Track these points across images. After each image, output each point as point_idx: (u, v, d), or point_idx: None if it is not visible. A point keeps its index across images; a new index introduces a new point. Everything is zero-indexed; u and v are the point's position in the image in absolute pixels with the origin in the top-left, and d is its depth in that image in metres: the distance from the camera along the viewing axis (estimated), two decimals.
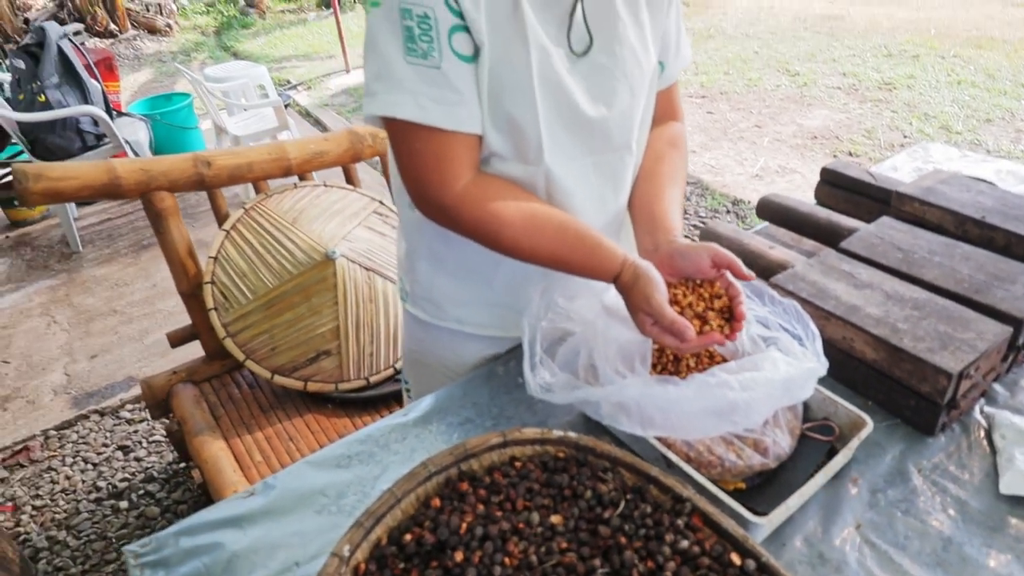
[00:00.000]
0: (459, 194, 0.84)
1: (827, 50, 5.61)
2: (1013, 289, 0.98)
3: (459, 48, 0.79)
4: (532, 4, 0.81)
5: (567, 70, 0.85)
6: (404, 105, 0.78)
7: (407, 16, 0.76)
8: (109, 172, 1.61)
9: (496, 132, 0.86)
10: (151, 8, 8.06)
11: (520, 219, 0.85)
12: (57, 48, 3.05)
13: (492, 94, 0.83)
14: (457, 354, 1.08)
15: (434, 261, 1.01)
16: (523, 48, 0.81)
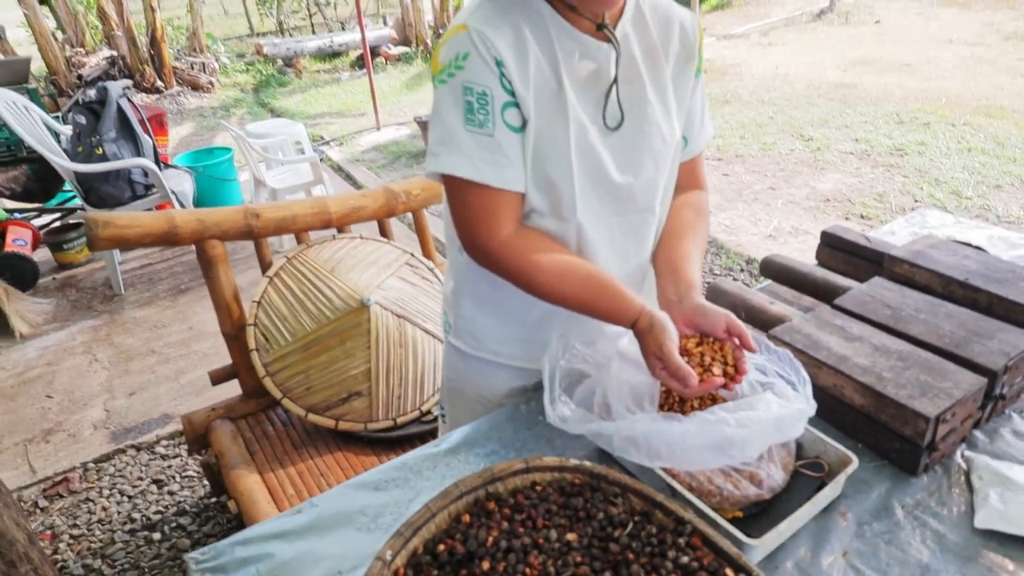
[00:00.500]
0: (503, 243, 0.98)
1: (840, 116, 5.79)
2: (990, 344, 1.08)
3: (510, 120, 0.94)
4: (573, 86, 0.96)
5: (600, 142, 1.00)
6: (461, 165, 0.93)
7: (468, 93, 0.92)
8: (169, 222, 1.77)
9: (536, 191, 1.00)
10: (195, 66, 8.53)
11: (554, 268, 0.98)
12: (117, 105, 3.30)
13: (535, 159, 0.97)
14: (490, 383, 1.20)
15: (477, 299, 1.14)
16: (564, 122, 0.96)
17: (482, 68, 0.91)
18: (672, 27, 1.04)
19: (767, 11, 11.15)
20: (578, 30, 0.96)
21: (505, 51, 0.91)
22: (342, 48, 9.93)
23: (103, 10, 7.70)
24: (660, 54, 1.03)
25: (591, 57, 0.97)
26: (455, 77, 0.92)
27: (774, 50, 8.51)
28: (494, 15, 0.93)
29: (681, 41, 1.05)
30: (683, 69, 1.07)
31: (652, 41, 1.02)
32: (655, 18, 1.03)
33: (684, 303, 0.99)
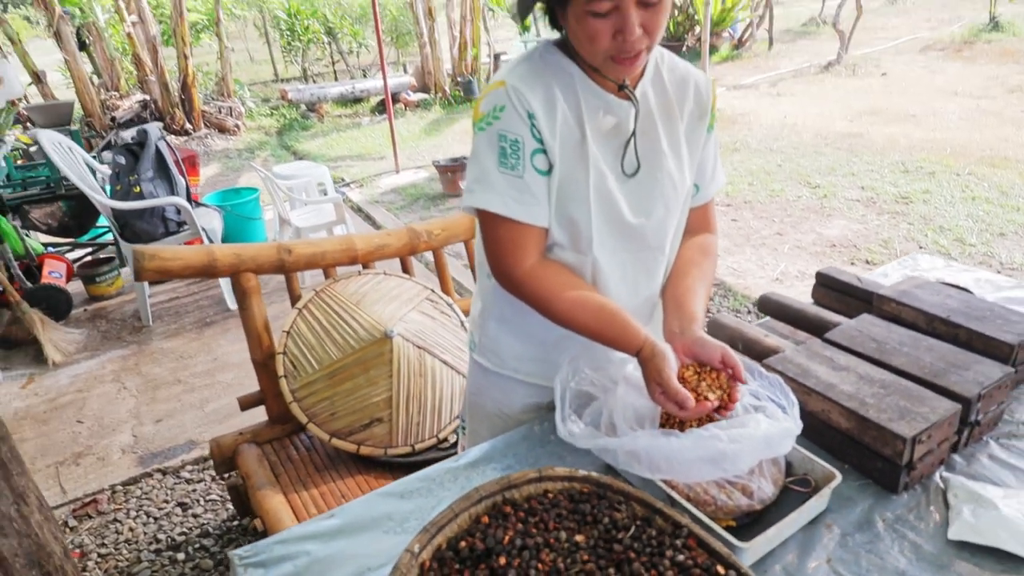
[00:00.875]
0: (527, 271, 1.11)
1: (847, 165, 5.94)
2: (966, 375, 1.18)
3: (538, 165, 1.08)
4: (595, 137, 1.10)
5: (617, 187, 1.13)
6: (494, 202, 1.07)
7: (503, 140, 1.06)
8: (209, 255, 1.91)
9: (559, 227, 1.14)
10: (222, 110, 8.88)
11: (569, 297, 1.10)
12: (155, 147, 3.51)
13: (559, 199, 1.11)
14: (508, 397, 1.31)
15: (502, 321, 1.27)
16: (584, 169, 1.10)
17: (516, 119, 1.05)
18: (687, 87, 1.18)
19: (776, 63, 11.45)
20: (602, 89, 1.10)
21: (536, 106, 1.06)
22: (363, 94, 10.28)
23: (138, 56, 8.08)
24: (675, 111, 1.17)
25: (613, 112, 1.11)
26: (492, 126, 1.07)
27: (783, 100, 8.74)
28: (529, 74, 1.07)
29: (695, 100, 1.19)
30: (696, 125, 1.20)
31: (668, 99, 1.16)
32: (672, 79, 1.17)
33: (685, 335, 1.10)
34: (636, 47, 0.99)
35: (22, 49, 7.66)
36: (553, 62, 1.10)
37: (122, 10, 7.83)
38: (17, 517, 1.70)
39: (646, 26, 0.98)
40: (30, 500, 1.77)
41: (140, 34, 7.94)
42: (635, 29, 0.97)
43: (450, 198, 5.72)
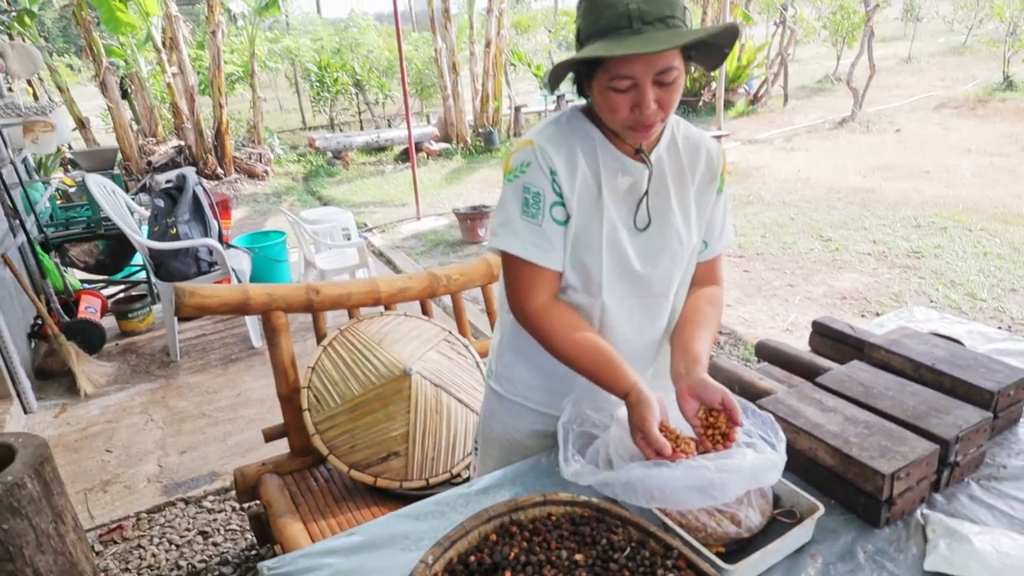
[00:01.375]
0: (537, 308, 1.24)
1: (859, 219, 6.04)
2: (946, 419, 1.26)
3: (556, 216, 1.22)
4: (611, 195, 1.24)
5: (629, 240, 1.26)
6: (515, 245, 1.22)
7: (526, 192, 1.21)
8: (243, 294, 2.05)
9: (573, 271, 1.27)
10: (252, 156, 9.23)
11: (571, 336, 1.22)
12: (192, 192, 3.71)
13: (574, 247, 1.25)
14: (517, 422, 1.43)
15: (517, 353, 1.39)
16: (599, 222, 1.23)
17: (539, 175, 1.20)
18: (699, 154, 1.32)
19: (791, 119, 11.69)
20: (621, 152, 1.24)
21: (559, 164, 1.20)
22: (388, 143, 10.64)
23: (176, 105, 8.49)
24: (687, 174, 1.30)
25: (629, 173, 1.25)
26: (519, 179, 1.22)
27: (797, 155, 8.91)
28: (556, 136, 1.23)
29: (707, 165, 1.33)
30: (706, 188, 1.34)
31: (681, 163, 1.30)
32: (686, 145, 1.31)
33: (690, 376, 1.20)
34: (651, 119, 1.12)
35: (69, 96, 8.10)
36: (578, 126, 1.24)
37: (164, 62, 8.27)
38: (55, 535, 1.81)
39: (660, 101, 1.12)
40: (67, 520, 1.88)
41: (179, 84, 8.36)
42: (651, 104, 1.10)
43: (468, 245, 5.89)
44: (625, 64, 1.08)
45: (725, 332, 3.97)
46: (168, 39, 8.16)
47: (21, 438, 1.82)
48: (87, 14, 7.44)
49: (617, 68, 1.08)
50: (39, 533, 1.74)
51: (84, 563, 1.90)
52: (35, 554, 1.73)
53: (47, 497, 1.78)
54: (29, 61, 3.45)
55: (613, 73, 1.09)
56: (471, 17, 10.18)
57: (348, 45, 12.36)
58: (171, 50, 8.21)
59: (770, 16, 14.33)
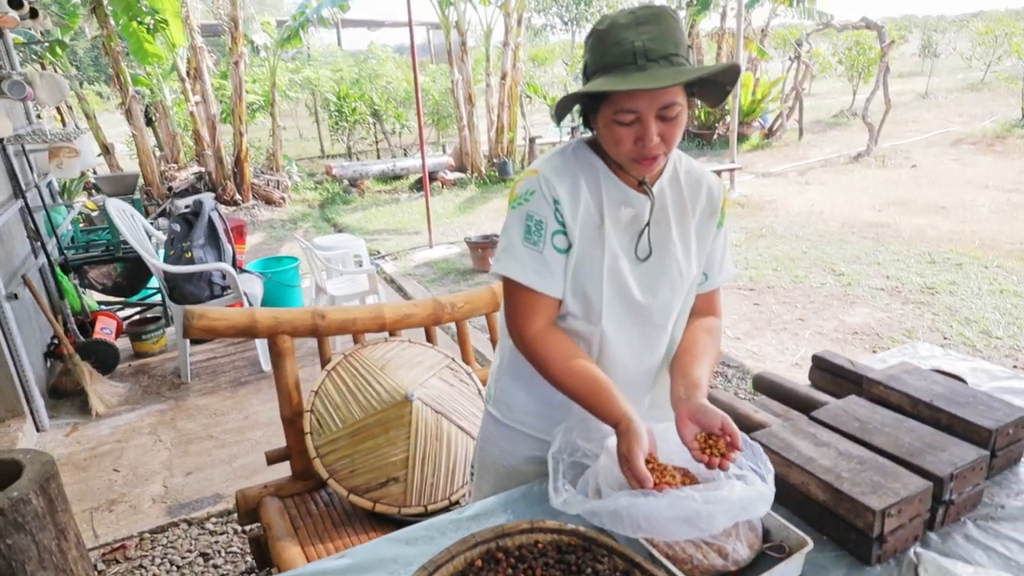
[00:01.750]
0: (534, 333, 1.26)
1: (872, 254, 6.01)
2: (941, 455, 1.25)
3: (557, 244, 1.25)
4: (613, 225, 1.27)
5: (629, 269, 1.29)
6: (515, 270, 1.25)
7: (529, 219, 1.24)
8: (250, 317, 2.09)
9: (574, 299, 1.29)
10: (270, 183, 9.40)
11: (564, 363, 1.24)
12: (208, 217, 3.80)
13: (575, 275, 1.27)
14: (513, 447, 1.44)
15: (516, 378, 1.41)
16: (600, 251, 1.26)
17: (543, 204, 1.24)
18: (701, 188, 1.35)
19: (806, 152, 11.72)
20: (624, 183, 1.27)
21: (562, 194, 1.24)
22: (403, 172, 10.78)
23: (198, 132, 8.70)
24: (688, 207, 1.34)
25: (631, 204, 1.28)
26: (522, 206, 1.25)
27: (811, 189, 8.91)
28: (560, 166, 1.26)
29: (707, 200, 1.36)
30: (707, 221, 1.37)
31: (682, 196, 1.33)
32: (688, 180, 1.34)
33: (690, 401, 1.21)
34: (654, 152, 1.16)
35: (95, 123, 8.33)
36: (583, 157, 1.28)
37: (188, 91, 8.49)
38: (57, 551, 1.83)
39: (663, 135, 1.15)
40: (69, 537, 1.90)
41: (202, 112, 8.57)
42: (653, 138, 1.14)
43: (479, 273, 5.93)
44: (629, 99, 1.12)
45: (733, 365, 3.95)
46: (192, 69, 8.39)
47: (29, 454, 1.85)
48: (116, 44, 7.69)
49: (621, 102, 1.12)
50: (41, 549, 1.76)
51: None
52: (37, 570, 1.74)
53: (51, 514, 1.80)
54: (56, 90, 3.58)
55: (618, 107, 1.13)
56: (488, 50, 10.38)
57: (367, 76, 12.64)
58: (195, 80, 8.44)
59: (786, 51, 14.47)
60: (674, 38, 1.11)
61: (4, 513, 1.71)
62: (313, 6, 8.69)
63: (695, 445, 1.17)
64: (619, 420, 1.17)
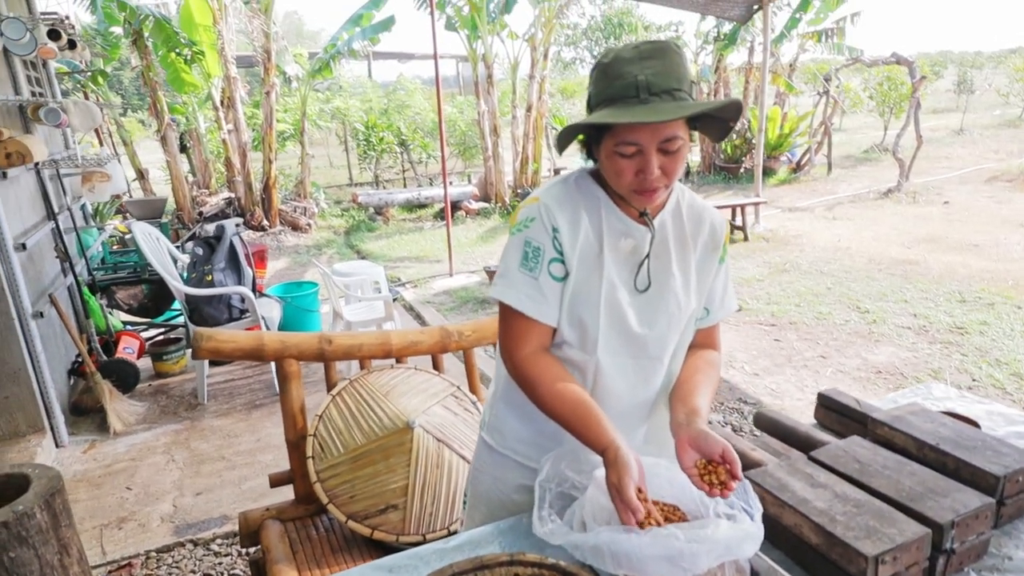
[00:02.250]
0: (524, 357, 1.26)
1: (899, 291, 5.89)
2: (943, 501, 1.21)
3: (554, 272, 1.25)
4: (612, 255, 1.27)
5: (628, 300, 1.28)
6: (509, 295, 1.25)
7: (527, 246, 1.25)
8: (257, 340, 2.11)
9: (569, 327, 1.28)
10: (297, 209, 9.59)
11: (553, 386, 1.23)
12: (230, 242, 3.88)
13: (572, 303, 1.27)
14: (505, 475, 1.42)
15: (509, 404, 1.40)
16: (598, 280, 1.26)
17: (541, 231, 1.25)
18: (703, 224, 1.35)
19: (834, 187, 11.60)
20: (625, 215, 1.28)
21: (562, 222, 1.25)
22: (428, 200, 10.92)
23: (229, 159, 8.94)
24: (689, 241, 1.34)
25: (632, 235, 1.28)
26: (522, 232, 1.26)
27: (838, 224, 8.80)
28: (561, 195, 1.28)
29: (710, 235, 1.36)
30: (708, 256, 1.36)
31: (683, 230, 1.33)
32: (690, 214, 1.35)
33: (690, 427, 1.20)
34: (655, 184, 1.17)
35: (132, 149, 8.61)
36: (585, 187, 1.29)
37: (221, 119, 8.76)
38: (59, 566, 1.85)
39: (664, 168, 1.16)
40: (72, 552, 1.92)
41: (234, 140, 8.82)
42: (654, 170, 1.15)
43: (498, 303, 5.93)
44: (631, 131, 1.13)
45: (749, 401, 3.88)
46: (226, 98, 8.66)
47: (37, 469, 1.88)
48: (155, 74, 7.98)
49: (623, 135, 1.14)
50: (43, 563, 1.78)
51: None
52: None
53: (55, 529, 1.83)
54: (89, 117, 3.72)
55: (619, 139, 1.14)
56: (514, 82, 10.54)
57: (395, 107, 12.90)
58: (228, 108, 8.70)
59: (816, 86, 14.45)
60: (677, 73, 1.12)
61: (8, 526, 1.74)
62: (344, 39, 8.95)
63: (694, 472, 1.15)
64: (607, 447, 1.15)
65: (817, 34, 12.53)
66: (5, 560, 1.73)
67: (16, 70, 3.71)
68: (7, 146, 3.05)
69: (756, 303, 5.74)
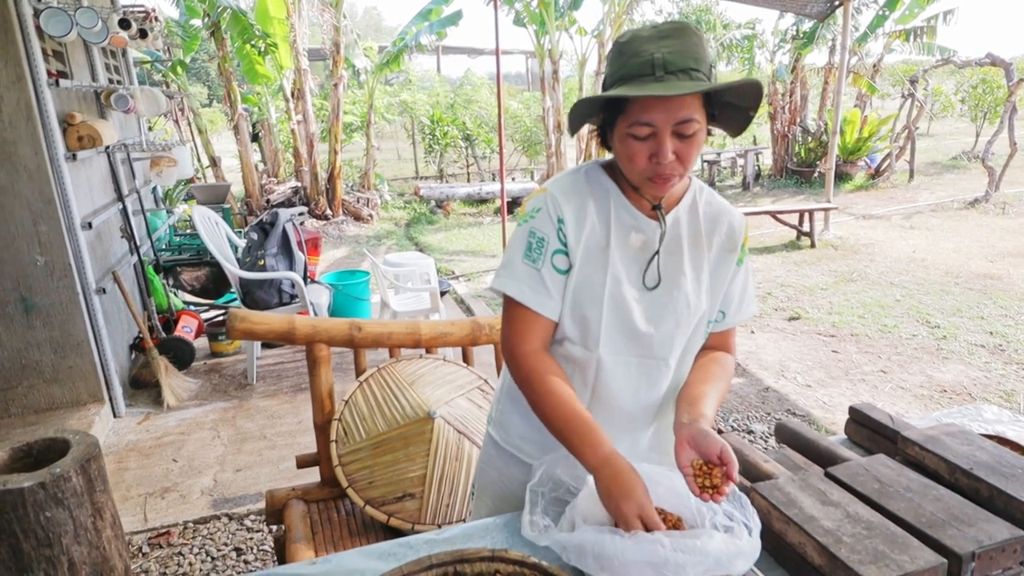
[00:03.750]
0: (524, 353, 1.23)
1: (976, 307, 5.53)
2: (967, 531, 1.11)
3: (557, 264, 1.23)
4: (620, 249, 1.23)
5: (635, 297, 1.24)
6: (511, 287, 1.22)
7: (532, 236, 1.23)
8: (289, 324, 2.16)
9: (571, 322, 1.25)
10: (360, 200, 9.81)
11: (547, 391, 1.19)
12: (282, 228, 4.00)
13: (574, 297, 1.23)
14: (509, 473, 1.40)
15: (514, 400, 1.38)
16: (603, 275, 1.22)
17: (547, 222, 1.22)
18: (720, 223, 1.30)
19: (915, 196, 11.01)
20: (636, 208, 1.24)
21: (567, 213, 1.22)
22: (488, 196, 10.97)
23: (297, 150, 9.22)
24: (703, 240, 1.28)
25: (641, 230, 1.24)
26: (528, 223, 1.24)
27: (915, 234, 8.34)
28: (569, 186, 1.25)
29: (727, 235, 1.30)
30: (725, 257, 1.30)
31: (699, 228, 1.28)
32: (707, 212, 1.30)
33: (692, 426, 1.15)
34: (669, 170, 1.12)
35: (206, 138, 9.00)
36: (595, 179, 1.26)
37: (291, 110, 9.04)
38: (92, 529, 1.94)
39: (679, 154, 1.12)
40: (105, 516, 2.01)
41: (302, 131, 9.10)
42: (668, 154, 1.10)
43: None
44: (644, 110, 1.09)
45: (799, 413, 3.72)
46: (297, 90, 8.93)
47: (77, 435, 1.99)
48: (230, 66, 8.31)
49: (637, 114, 1.10)
50: (78, 525, 1.86)
51: (116, 559, 2.01)
52: (72, 544, 1.85)
53: (89, 493, 1.91)
54: (154, 103, 3.91)
55: (633, 119, 1.10)
56: (581, 79, 10.45)
57: (461, 102, 13.02)
58: (298, 100, 8.97)
59: (903, 88, 13.72)
60: (695, 53, 1.08)
61: (45, 487, 1.84)
62: (413, 33, 9.08)
63: (689, 471, 1.10)
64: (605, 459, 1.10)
65: (905, 33, 11.92)
66: (42, 519, 1.83)
67: (94, 58, 3.94)
68: (79, 130, 3.24)
69: (816, 312, 5.50)
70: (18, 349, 3.32)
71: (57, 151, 3.15)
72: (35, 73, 3.03)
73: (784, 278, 6.55)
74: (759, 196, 11.68)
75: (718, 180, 13.24)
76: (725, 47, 13.88)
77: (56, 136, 3.15)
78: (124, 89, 3.74)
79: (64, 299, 3.30)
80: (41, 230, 3.18)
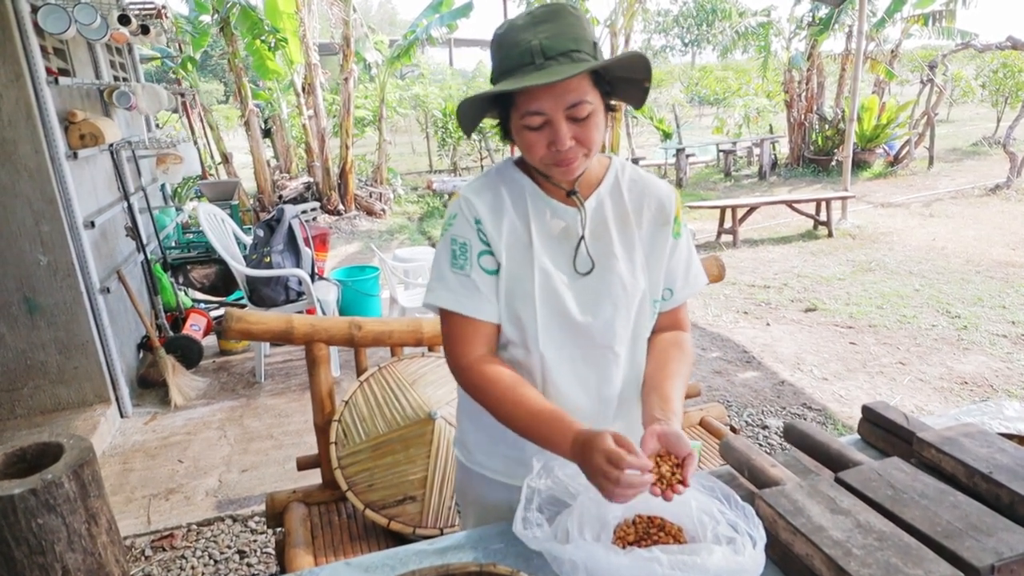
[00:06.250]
0: (470, 362, 1.19)
1: (998, 296, 5.39)
2: (985, 541, 1.04)
3: (485, 264, 1.18)
4: (542, 239, 1.19)
5: (567, 286, 1.20)
6: (445, 298, 1.18)
7: (454, 243, 1.19)
8: (287, 323, 2.12)
9: (509, 324, 1.21)
10: (373, 195, 9.78)
11: (502, 395, 1.14)
12: (288, 225, 3.97)
13: (507, 298, 1.20)
14: (480, 492, 1.35)
15: (471, 415, 1.32)
16: (530, 269, 1.18)
17: (465, 225, 1.19)
18: (647, 199, 1.26)
19: (935, 183, 10.79)
20: (551, 196, 1.21)
21: (483, 212, 1.18)
22: None
23: (309, 145, 9.21)
24: (631, 219, 1.24)
25: (560, 217, 1.21)
26: (448, 232, 1.20)
27: (935, 222, 8.16)
28: (481, 187, 1.22)
29: (657, 209, 1.26)
30: (657, 232, 1.26)
31: (624, 208, 1.24)
32: (632, 189, 1.26)
33: (664, 424, 1.09)
34: (570, 155, 1.10)
35: (217, 135, 9.01)
36: (507, 175, 1.23)
37: (301, 105, 9.02)
38: (86, 535, 1.92)
39: (578, 137, 1.09)
40: (101, 522, 1.99)
41: (313, 126, 9.08)
42: (566, 141, 1.08)
43: None
44: (532, 100, 1.07)
45: (815, 407, 3.63)
46: (307, 85, 8.91)
47: (71, 439, 1.96)
48: (240, 61, 8.30)
49: (526, 104, 1.08)
50: (71, 531, 1.84)
51: (113, 566, 1.99)
52: (65, 551, 1.83)
53: (83, 499, 1.88)
54: (155, 99, 3.88)
55: (523, 110, 1.09)
56: None
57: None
58: (309, 95, 8.95)
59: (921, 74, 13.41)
60: (573, 34, 1.06)
61: (36, 494, 1.82)
62: (424, 25, 9.01)
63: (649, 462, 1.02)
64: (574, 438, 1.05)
65: (923, 17, 11.65)
66: (33, 526, 1.81)
67: (98, 55, 3.92)
68: (80, 128, 3.22)
69: (833, 303, 5.39)
70: (23, 350, 3.33)
71: (58, 150, 3.13)
72: (34, 71, 3.01)
73: (800, 268, 6.43)
74: (776, 185, 11.51)
75: (734, 170, 13.05)
76: (740, 35, 13.66)
77: (57, 134, 3.13)
78: (125, 86, 3.71)
79: (68, 299, 3.29)
80: (43, 230, 3.17)
